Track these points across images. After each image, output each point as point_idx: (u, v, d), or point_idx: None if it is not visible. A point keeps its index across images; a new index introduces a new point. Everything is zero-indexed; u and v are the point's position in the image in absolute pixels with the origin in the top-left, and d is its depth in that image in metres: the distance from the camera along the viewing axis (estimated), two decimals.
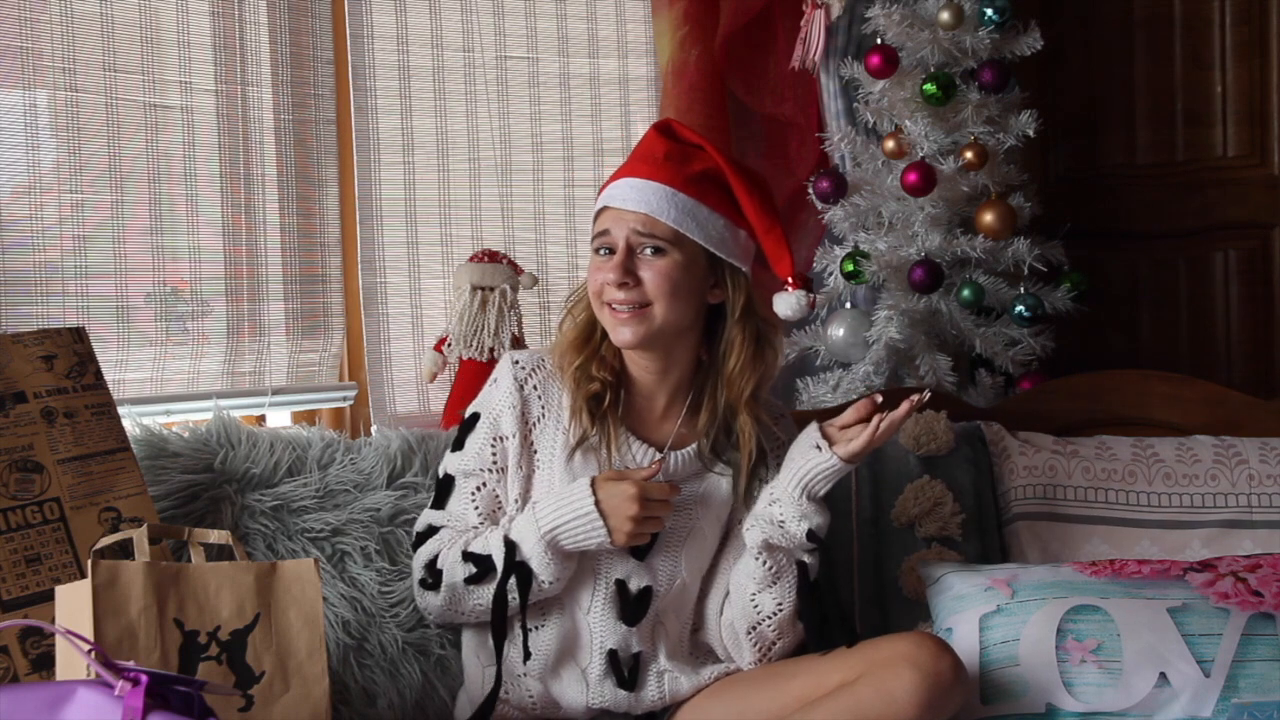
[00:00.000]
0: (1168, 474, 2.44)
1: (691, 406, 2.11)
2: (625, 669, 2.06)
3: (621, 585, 2.06)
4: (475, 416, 2.12)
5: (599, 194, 2.12)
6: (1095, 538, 2.41)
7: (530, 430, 2.09)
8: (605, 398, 2.07)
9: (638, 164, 2.09)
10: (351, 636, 2.12)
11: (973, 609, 2.17)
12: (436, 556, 2.08)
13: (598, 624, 2.07)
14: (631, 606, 2.06)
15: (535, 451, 2.09)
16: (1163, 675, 2.06)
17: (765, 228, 2.09)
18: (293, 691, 1.76)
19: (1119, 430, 2.56)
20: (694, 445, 2.10)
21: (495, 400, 2.11)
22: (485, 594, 2.04)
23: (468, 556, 2.04)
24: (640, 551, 2.06)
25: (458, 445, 2.12)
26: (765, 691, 2.03)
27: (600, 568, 2.07)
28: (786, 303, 2.17)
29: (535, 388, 2.10)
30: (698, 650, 2.14)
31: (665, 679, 2.09)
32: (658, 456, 2.07)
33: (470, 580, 2.04)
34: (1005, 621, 2.13)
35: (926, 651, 1.90)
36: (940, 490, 2.43)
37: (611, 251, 2.05)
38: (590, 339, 2.10)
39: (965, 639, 2.13)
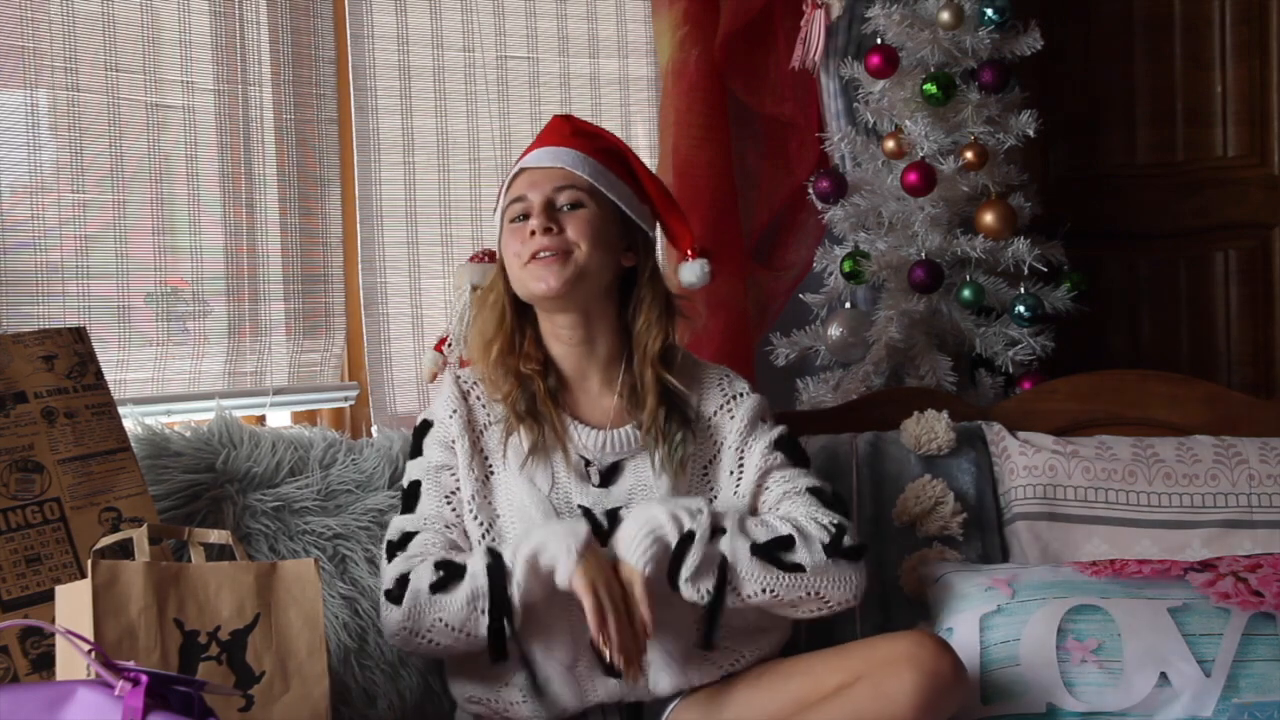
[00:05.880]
0: (1168, 474, 2.44)
1: (628, 387, 2.11)
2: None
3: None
4: (427, 423, 2.14)
5: (505, 182, 2.15)
6: (1095, 538, 2.41)
7: (479, 437, 2.10)
8: (538, 389, 2.08)
9: (547, 137, 2.15)
10: (352, 637, 2.12)
11: (973, 609, 2.17)
12: (409, 572, 2.00)
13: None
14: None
15: (486, 458, 2.09)
16: (1163, 675, 2.06)
17: (666, 204, 2.19)
18: (293, 691, 1.76)
19: (1119, 430, 2.55)
20: (634, 422, 2.10)
21: (441, 408, 2.13)
22: (448, 605, 1.95)
23: (440, 565, 1.98)
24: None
25: (416, 452, 2.13)
26: (762, 694, 2.01)
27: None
28: (691, 270, 2.24)
29: (479, 398, 2.13)
30: (690, 652, 2.03)
31: (647, 670, 1.99)
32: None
33: (436, 587, 1.96)
34: (1006, 621, 2.14)
35: (926, 651, 1.88)
36: (941, 490, 2.43)
37: (527, 216, 2.07)
38: (502, 324, 2.11)
39: (966, 639, 2.13)
